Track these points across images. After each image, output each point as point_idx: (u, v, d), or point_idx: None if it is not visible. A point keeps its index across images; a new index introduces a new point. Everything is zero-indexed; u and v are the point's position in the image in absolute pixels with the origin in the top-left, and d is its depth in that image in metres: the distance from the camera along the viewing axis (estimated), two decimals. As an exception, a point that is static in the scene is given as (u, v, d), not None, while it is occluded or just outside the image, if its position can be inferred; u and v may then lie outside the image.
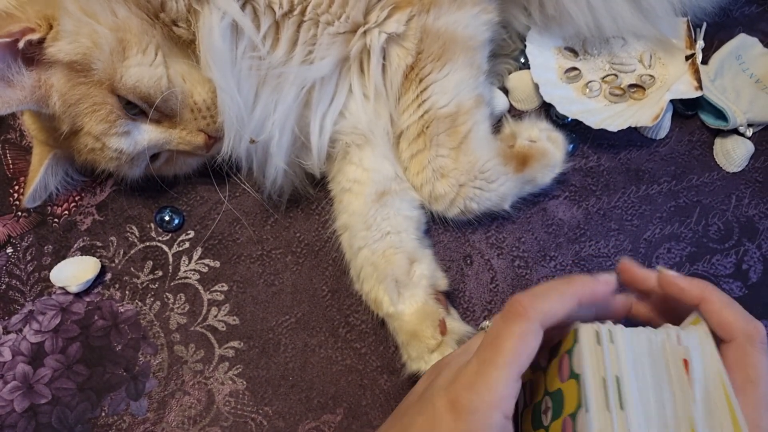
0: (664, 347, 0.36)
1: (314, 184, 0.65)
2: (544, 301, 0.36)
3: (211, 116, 0.58)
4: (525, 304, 0.36)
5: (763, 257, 0.61)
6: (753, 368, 0.36)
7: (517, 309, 0.36)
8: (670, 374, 0.36)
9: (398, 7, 0.55)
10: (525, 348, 0.35)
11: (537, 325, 0.36)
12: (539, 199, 0.64)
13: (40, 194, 0.64)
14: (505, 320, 0.36)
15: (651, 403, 0.35)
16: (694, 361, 0.36)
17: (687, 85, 0.63)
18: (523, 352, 0.35)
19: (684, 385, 0.35)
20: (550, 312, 0.36)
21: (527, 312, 0.36)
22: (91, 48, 0.51)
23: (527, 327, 0.36)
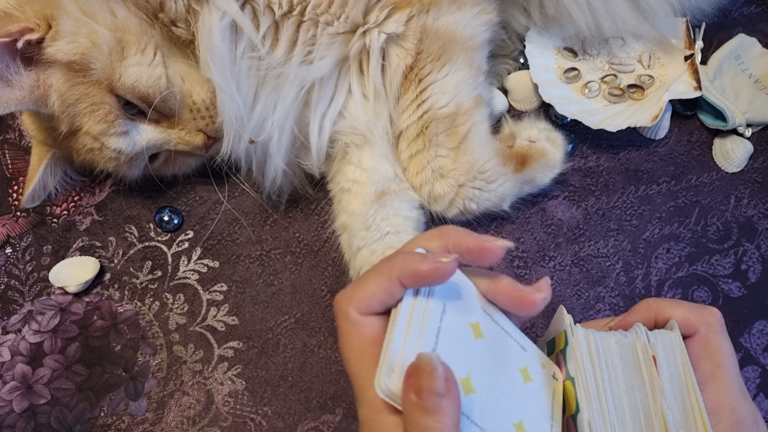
0: (635, 347, 0.37)
1: (313, 184, 0.65)
2: (356, 289, 0.36)
3: (210, 116, 0.58)
4: (337, 299, 0.36)
5: (762, 257, 0.61)
6: (718, 353, 0.37)
7: (334, 307, 0.37)
8: (642, 374, 0.36)
9: (397, 8, 0.55)
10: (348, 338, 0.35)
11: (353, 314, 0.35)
12: (538, 200, 0.64)
13: (39, 194, 0.64)
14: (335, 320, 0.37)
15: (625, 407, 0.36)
16: (660, 356, 0.36)
17: (686, 85, 0.63)
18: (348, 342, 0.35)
19: (654, 380, 0.36)
20: (364, 298, 0.35)
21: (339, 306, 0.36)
22: (89, 48, 0.51)
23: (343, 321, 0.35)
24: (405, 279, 0.34)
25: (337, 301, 0.36)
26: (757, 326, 0.59)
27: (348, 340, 0.35)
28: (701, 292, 0.60)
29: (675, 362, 0.37)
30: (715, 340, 0.38)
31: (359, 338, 0.35)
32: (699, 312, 0.38)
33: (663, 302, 0.40)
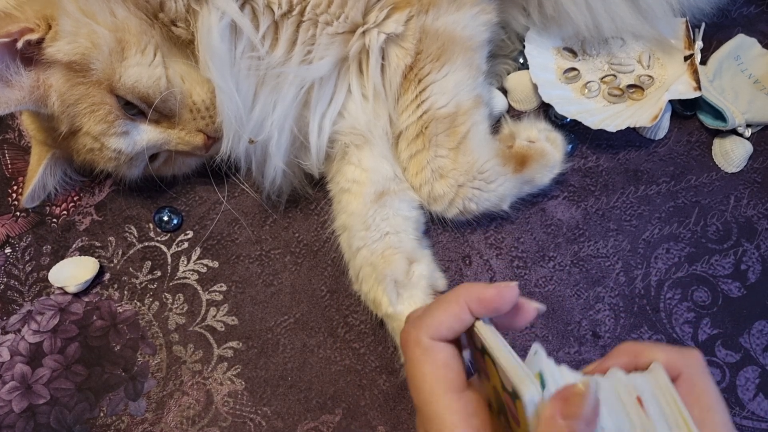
0: (617, 390, 0.36)
1: (313, 185, 0.65)
2: (425, 317, 0.37)
3: (210, 116, 0.58)
4: (406, 329, 0.37)
5: (761, 257, 0.61)
6: (706, 395, 0.36)
7: (402, 338, 0.38)
8: (630, 417, 0.35)
9: (397, 8, 0.55)
10: (421, 365, 0.36)
11: (425, 340, 0.36)
12: (538, 200, 0.64)
13: (39, 194, 0.64)
14: (403, 351, 0.38)
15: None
16: (646, 396, 0.35)
17: (686, 85, 0.63)
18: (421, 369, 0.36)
19: (645, 422, 0.35)
20: (433, 324, 0.36)
21: (409, 336, 0.37)
22: (89, 48, 0.51)
23: (414, 348, 0.36)
24: (472, 304, 0.36)
25: (405, 332, 0.37)
26: (757, 326, 0.59)
27: (421, 367, 0.36)
28: (701, 293, 0.60)
29: (663, 401, 0.35)
30: (700, 383, 0.37)
31: (433, 363, 0.36)
32: (681, 354, 0.37)
33: (642, 345, 0.39)
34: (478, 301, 0.36)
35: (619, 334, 0.59)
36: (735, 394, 0.57)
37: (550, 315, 0.60)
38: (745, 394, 0.57)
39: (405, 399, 0.58)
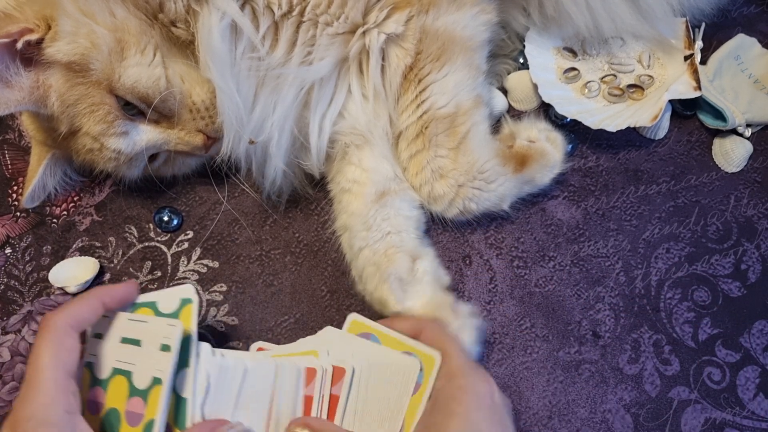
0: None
1: (313, 185, 0.65)
2: (67, 308, 0.44)
3: (210, 117, 0.58)
4: (48, 317, 0.43)
5: (761, 257, 0.61)
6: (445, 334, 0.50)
7: (43, 324, 0.43)
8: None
9: (397, 8, 0.55)
10: (62, 351, 0.42)
11: (66, 328, 0.43)
12: (538, 200, 0.64)
13: (39, 194, 0.64)
14: (37, 337, 0.43)
15: None
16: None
17: (686, 85, 0.63)
18: (62, 355, 0.42)
19: None
20: (75, 315, 0.44)
21: (50, 322, 0.43)
22: (89, 48, 0.51)
23: (55, 334, 0.42)
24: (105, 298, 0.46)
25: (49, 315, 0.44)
26: (757, 326, 0.59)
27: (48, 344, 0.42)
28: (701, 292, 0.60)
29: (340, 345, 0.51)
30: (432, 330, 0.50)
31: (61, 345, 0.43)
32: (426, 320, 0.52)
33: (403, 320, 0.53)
34: (110, 296, 0.46)
35: (620, 333, 0.59)
36: (735, 393, 0.57)
37: (550, 315, 0.60)
38: (746, 394, 0.57)
39: (405, 399, 0.58)
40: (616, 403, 0.57)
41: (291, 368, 0.50)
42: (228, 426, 0.45)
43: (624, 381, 0.58)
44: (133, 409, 0.45)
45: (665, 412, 0.57)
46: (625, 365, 0.58)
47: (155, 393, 0.44)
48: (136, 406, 0.45)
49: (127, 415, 0.45)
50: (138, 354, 0.46)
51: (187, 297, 0.48)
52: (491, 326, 0.60)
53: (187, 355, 0.46)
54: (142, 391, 0.45)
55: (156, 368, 0.45)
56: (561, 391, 0.58)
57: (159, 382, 0.44)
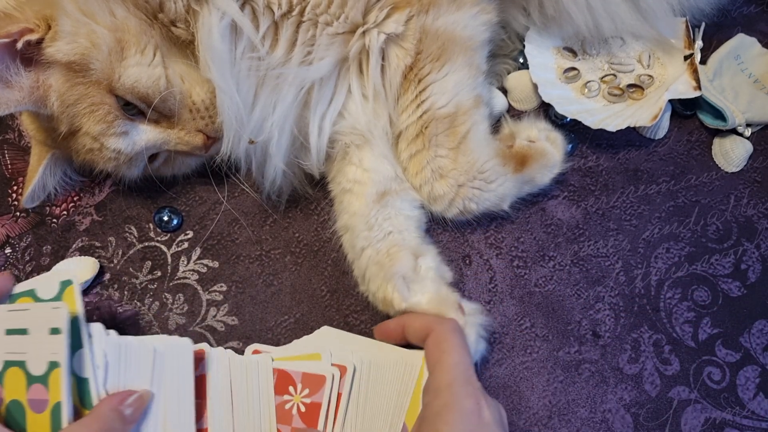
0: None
1: (313, 185, 0.65)
2: None
3: (210, 117, 0.58)
4: None
5: (761, 257, 0.61)
6: (446, 342, 0.48)
7: None
8: None
9: (397, 8, 0.55)
10: None
11: None
12: (538, 199, 0.64)
13: (39, 194, 0.64)
14: None
15: None
16: None
17: (685, 85, 0.63)
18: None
19: None
20: None
21: None
22: (89, 48, 0.51)
23: None
24: None
25: None
26: (757, 326, 0.59)
27: None
28: (701, 292, 0.60)
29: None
30: (445, 334, 0.49)
31: None
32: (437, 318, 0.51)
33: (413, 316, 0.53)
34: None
35: (620, 333, 0.59)
36: (735, 393, 0.57)
37: (550, 314, 0.60)
38: (746, 394, 0.57)
39: (405, 399, 0.58)
40: (616, 402, 0.57)
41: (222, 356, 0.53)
42: (136, 394, 0.47)
43: (624, 381, 0.58)
44: (35, 396, 0.46)
45: (665, 411, 0.57)
46: (625, 365, 0.58)
47: (55, 376, 0.45)
48: (37, 392, 0.46)
49: (30, 403, 0.46)
50: (27, 342, 0.46)
51: (65, 279, 0.48)
52: (491, 326, 0.60)
53: (78, 337, 0.47)
54: (40, 377, 0.45)
55: (50, 352, 0.45)
56: (561, 391, 0.58)
57: (56, 365, 0.45)
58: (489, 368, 0.59)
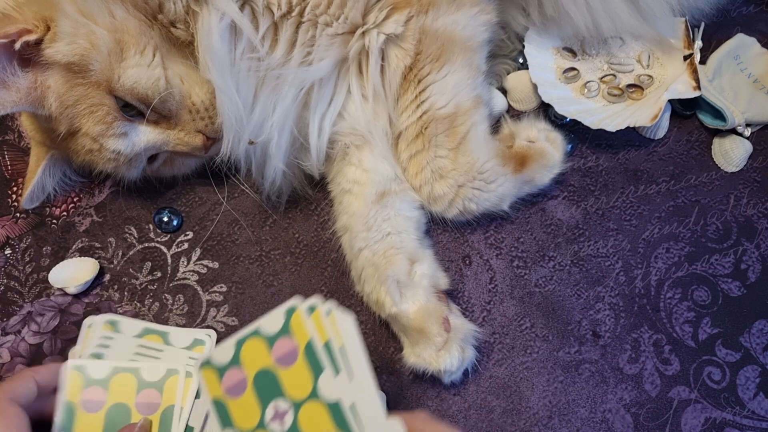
0: None
1: (313, 185, 0.65)
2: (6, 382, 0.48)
3: (210, 117, 0.58)
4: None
5: (761, 257, 0.61)
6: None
7: None
8: None
9: (396, 8, 0.55)
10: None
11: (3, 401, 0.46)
12: (538, 200, 0.64)
13: (38, 195, 0.64)
14: None
15: None
16: None
17: (685, 85, 0.63)
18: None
19: None
20: (13, 390, 0.47)
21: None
22: (88, 49, 0.51)
23: None
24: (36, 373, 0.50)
25: None
26: (757, 325, 0.59)
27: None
28: (701, 292, 0.60)
29: None
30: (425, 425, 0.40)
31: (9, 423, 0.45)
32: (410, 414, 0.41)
33: None
34: (40, 373, 0.50)
35: (620, 333, 0.59)
36: (735, 393, 0.57)
37: (550, 315, 0.60)
38: (746, 393, 0.57)
39: (405, 399, 0.58)
40: (616, 402, 0.57)
41: None
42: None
43: (624, 381, 0.58)
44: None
45: (665, 411, 0.57)
46: (625, 365, 0.58)
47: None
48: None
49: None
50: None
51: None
52: (491, 326, 0.60)
53: None
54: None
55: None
56: (561, 391, 0.58)
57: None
58: (489, 368, 0.59)
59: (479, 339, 0.58)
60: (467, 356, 0.56)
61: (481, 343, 0.58)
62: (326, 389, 0.41)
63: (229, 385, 0.43)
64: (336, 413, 0.41)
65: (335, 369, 0.42)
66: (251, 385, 0.43)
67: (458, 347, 0.55)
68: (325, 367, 0.42)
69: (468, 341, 0.56)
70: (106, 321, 0.58)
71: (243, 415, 0.42)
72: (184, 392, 0.52)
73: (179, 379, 0.51)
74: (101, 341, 0.56)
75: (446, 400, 0.58)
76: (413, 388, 0.58)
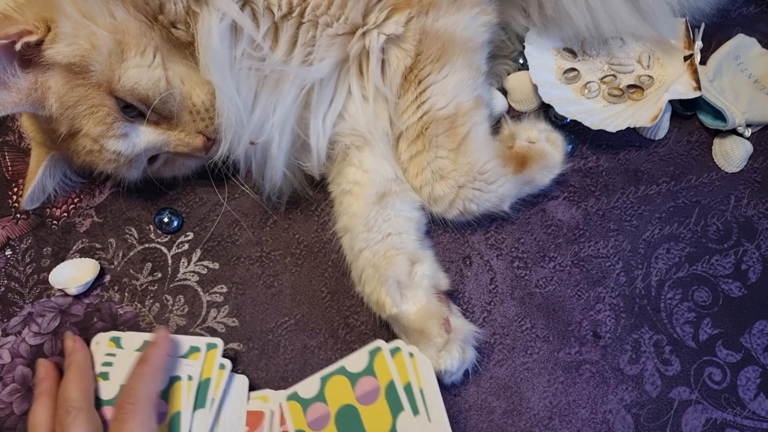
0: None
1: (313, 186, 0.65)
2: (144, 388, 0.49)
3: (210, 118, 0.58)
4: (132, 401, 0.47)
5: (762, 257, 0.61)
6: None
7: (127, 408, 0.47)
8: None
9: (397, 9, 0.55)
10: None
11: (149, 409, 0.48)
12: (538, 200, 0.64)
13: (38, 196, 0.64)
14: (120, 422, 0.47)
15: None
16: None
17: (685, 85, 0.63)
18: None
19: None
20: (153, 394, 0.49)
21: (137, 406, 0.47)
22: (89, 50, 0.51)
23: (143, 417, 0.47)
24: None
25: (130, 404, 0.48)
26: (758, 326, 0.59)
27: None
28: (701, 293, 0.60)
29: None
30: None
31: None
32: None
33: None
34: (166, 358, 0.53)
35: (620, 334, 0.59)
36: (736, 394, 0.57)
37: (550, 315, 0.60)
38: (746, 394, 0.57)
39: (406, 400, 0.58)
40: (616, 403, 0.57)
41: None
42: None
43: (625, 381, 0.58)
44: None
45: (666, 412, 0.57)
46: (625, 366, 0.58)
47: None
48: None
49: None
50: None
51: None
52: (492, 327, 0.60)
53: None
54: None
55: None
56: (562, 392, 0.58)
57: None
58: (489, 369, 0.59)
59: (480, 340, 0.58)
60: (468, 357, 0.56)
61: (482, 344, 0.58)
62: (404, 428, 0.43)
63: (313, 418, 0.45)
64: None
65: (414, 410, 0.44)
66: (333, 419, 0.44)
67: (459, 348, 0.55)
68: (404, 407, 0.43)
69: (468, 342, 0.56)
70: (110, 338, 0.58)
71: None
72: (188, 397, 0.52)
73: (182, 386, 0.51)
74: (105, 359, 0.56)
75: (447, 401, 0.58)
76: (414, 389, 0.58)
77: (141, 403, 0.48)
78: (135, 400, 0.47)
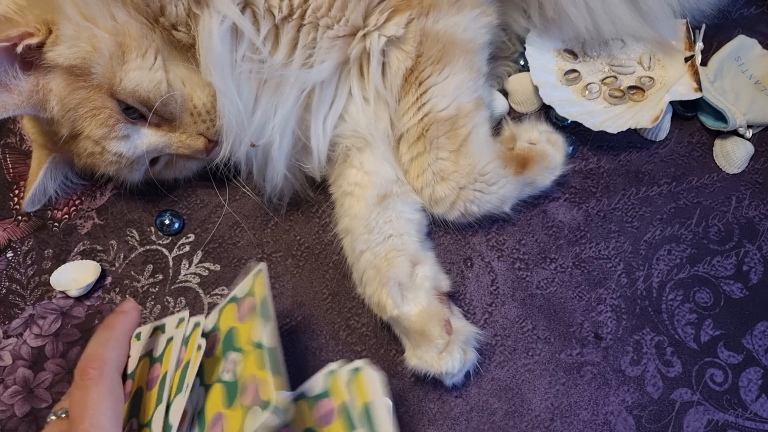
0: None
1: (314, 187, 0.65)
2: (109, 352, 0.44)
3: (211, 120, 0.58)
4: (97, 366, 0.42)
5: (763, 258, 0.61)
6: None
7: (91, 374, 0.42)
8: None
9: (397, 11, 0.55)
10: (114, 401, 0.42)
11: (115, 375, 0.43)
12: (539, 201, 0.64)
13: (39, 198, 0.64)
14: (84, 388, 0.41)
15: None
16: None
17: (686, 86, 0.63)
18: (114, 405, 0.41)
19: None
20: (119, 360, 0.44)
21: (102, 371, 0.42)
22: (90, 52, 0.51)
23: (109, 383, 0.42)
24: None
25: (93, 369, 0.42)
26: (759, 327, 0.59)
27: None
28: (703, 294, 0.60)
29: None
30: None
31: None
32: None
33: None
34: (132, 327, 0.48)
35: (621, 335, 0.59)
36: (738, 395, 0.57)
37: (551, 317, 0.60)
38: (748, 395, 0.57)
39: (407, 402, 0.58)
40: (618, 405, 0.57)
41: None
42: None
43: (626, 383, 0.58)
44: None
45: (668, 413, 0.57)
46: (627, 367, 0.58)
47: None
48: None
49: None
50: None
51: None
52: (493, 328, 0.60)
53: None
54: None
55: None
56: (563, 393, 0.58)
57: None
58: (490, 371, 0.59)
59: (481, 341, 0.58)
60: (469, 358, 0.56)
61: (483, 345, 0.58)
62: None
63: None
64: None
65: (367, 427, 0.44)
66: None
67: (460, 349, 0.55)
68: (356, 426, 0.44)
69: (470, 343, 0.56)
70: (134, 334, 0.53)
71: None
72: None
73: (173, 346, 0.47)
74: None
75: (448, 403, 0.58)
76: (415, 391, 0.58)
77: (106, 367, 0.42)
78: (99, 365, 0.42)
